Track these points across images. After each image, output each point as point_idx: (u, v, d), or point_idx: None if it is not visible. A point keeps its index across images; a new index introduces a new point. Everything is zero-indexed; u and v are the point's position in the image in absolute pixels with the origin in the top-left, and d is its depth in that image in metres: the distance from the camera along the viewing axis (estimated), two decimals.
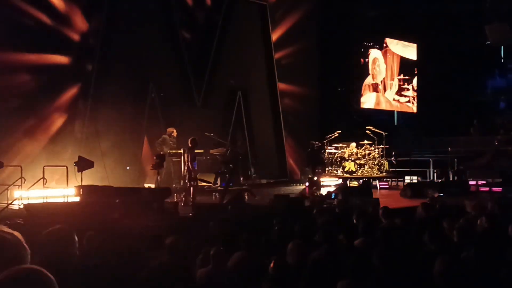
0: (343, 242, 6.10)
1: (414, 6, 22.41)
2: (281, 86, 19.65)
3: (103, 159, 13.76)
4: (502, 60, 24.65)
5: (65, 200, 10.88)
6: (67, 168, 11.57)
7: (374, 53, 22.61)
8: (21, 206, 10.42)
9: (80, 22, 14.55)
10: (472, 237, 6.26)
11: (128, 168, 14.68)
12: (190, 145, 12.52)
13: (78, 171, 11.03)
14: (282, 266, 4.74)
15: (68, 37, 14.31)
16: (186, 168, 12.35)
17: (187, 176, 12.15)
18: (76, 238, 3.71)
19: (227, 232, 6.65)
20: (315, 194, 14.02)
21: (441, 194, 13.96)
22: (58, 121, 14.12)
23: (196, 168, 12.67)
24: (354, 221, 7.32)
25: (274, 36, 19.47)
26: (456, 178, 17.88)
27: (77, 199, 10.31)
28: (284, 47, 19.90)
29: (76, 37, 14.48)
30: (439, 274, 4.24)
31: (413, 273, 4.77)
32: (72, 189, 10.90)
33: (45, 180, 11.41)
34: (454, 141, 21.13)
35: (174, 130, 14.43)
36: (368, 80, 22.48)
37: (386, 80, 23.07)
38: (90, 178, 11.96)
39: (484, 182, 17.01)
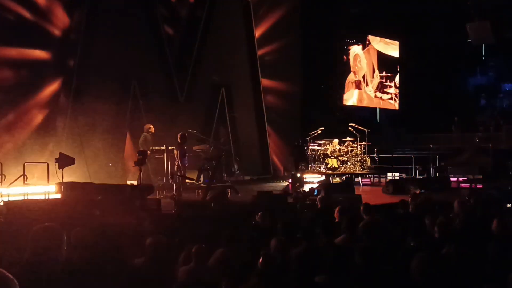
0: (324, 239, 6.12)
1: (397, 3, 22.53)
2: (265, 82, 19.65)
3: (85, 155, 13.66)
4: (483, 58, 24.93)
5: (46, 197, 10.78)
6: (48, 165, 11.46)
7: (355, 49, 22.72)
8: (1, 203, 10.30)
9: (61, 16, 14.38)
10: (453, 233, 6.33)
11: (110, 165, 14.58)
12: (179, 140, 12.50)
13: (59, 168, 10.93)
14: (271, 260, 4.76)
15: (49, 31, 14.14)
16: (176, 164, 12.34)
17: (178, 172, 12.13)
18: (65, 237, 3.70)
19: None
20: (298, 190, 14.06)
21: (423, 191, 14.09)
22: (39, 117, 13.96)
23: (186, 164, 12.65)
24: (336, 218, 7.35)
25: (258, 33, 19.44)
26: (437, 175, 18.07)
27: (58, 196, 10.22)
28: (267, 44, 19.89)
29: (57, 32, 14.32)
30: (416, 271, 4.29)
31: (394, 270, 4.81)
32: (53, 186, 10.80)
33: (25, 177, 11.29)
34: (436, 138, 21.35)
35: (151, 126, 14.38)
36: (351, 77, 22.59)
37: (368, 77, 23.20)
38: (71, 175, 11.85)
39: (465, 178, 17.20)
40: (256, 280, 4.45)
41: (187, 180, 12.63)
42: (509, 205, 7.95)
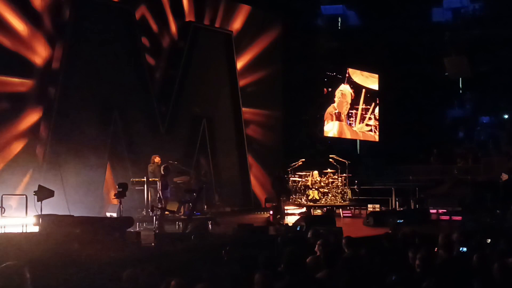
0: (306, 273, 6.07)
1: (376, 37, 22.95)
2: (246, 114, 19.73)
3: (64, 186, 13.48)
4: (461, 91, 25.39)
5: (24, 230, 10.58)
6: (26, 197, 11.27)
7: (343, 88, 23.04)
8: None
9: (43, 46, 14.37)
10: (434, 267, 6.33)
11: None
12: (162, 172, 12.51)
13: (38, 201, 10.74)
14: None
15: (30, 61, 14.12)
16: (158, 196, 12.32)
17: (158, 204, 12.09)
18: (28, 275, 3.59)
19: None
20: (280, 222, 14.02)
21: (401, 220, 14.16)
22: (18, 147, 13.81)
23: (169, 196, 12.61)
24: (318, 252, 7.31)
25: (239, 64, 19.60)
26: (417, 207, 18.17)
27: (37, 229, 10.04)
28: (248, 75, 20.07)
29: (38, 61, 14.30)
30: None
31: None
32: (31, 219, 10.60)
33: (3, 209, 11.08)
34: (415, 169, 21.51)
35: (158, 157, 14.29)
36: (331, 109, 22.79)
37: (346, 109, 23.42)
38: (50, 207, 11.65)
39: (444, 210, 17.32)
40: None
41: (166, 212, 12.53)
42: (489, 241, 7.99)
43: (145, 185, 13.63)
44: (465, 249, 7.28)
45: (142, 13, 16.86)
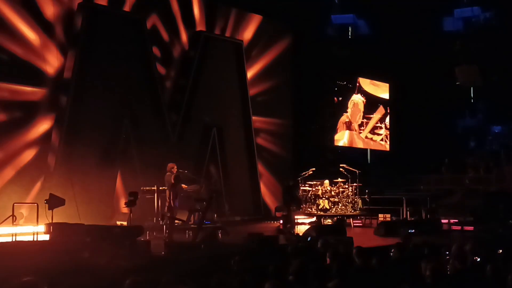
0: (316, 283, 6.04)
1: (386, 46, 22.91)
2: (256, 123, 19.75)
3: (75, 195, 13.52)
4: (472, 101, 25.26)
5: (35, 239, 10.62)
6: (37, 205, 11.32)
7: (354, 98, 23.04)
8: None
9: (55, 55, 14.49)
10: (445, 278, 6.28)
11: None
12: (172, 181, 12.50)
13: (49, 209, 10.79)
14: None
15: (42, 70, 14.23)
16: (167, 205, 12.29)
17: (168, 213, 12.08)
18: None
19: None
20: (290, 232, 13.98)
21: (413, 231, 14.04)
22: (29, 155, 13.89)
23: (177, 206, 12.59)
24: (328, 262, 7.28)
25: (250, 74, 19.64)
26: (428, 217, 18.03)
27: (47, 237, 10.08)
28: (259, 84, 20.09)
29: (50, 70, 14.41)
30: None
31: None
32: (42, 227, 10.65)
33: (14, 217, 11.13)
34: (426, 179, 21.40)
35: (175, 166, 14.28)
36: (342, 118, 22.77)
37: (359, 119, 23.39)
38: (61, 215, 11.70)
39: (456, 220, 17.18)
40: None
41: (176, 221, 12.53)
42: (500, 251, 7.91)
43: (155, 194, 13.64)
44: (478, 259, 7.22)
45: (153, 23, 16.96)
